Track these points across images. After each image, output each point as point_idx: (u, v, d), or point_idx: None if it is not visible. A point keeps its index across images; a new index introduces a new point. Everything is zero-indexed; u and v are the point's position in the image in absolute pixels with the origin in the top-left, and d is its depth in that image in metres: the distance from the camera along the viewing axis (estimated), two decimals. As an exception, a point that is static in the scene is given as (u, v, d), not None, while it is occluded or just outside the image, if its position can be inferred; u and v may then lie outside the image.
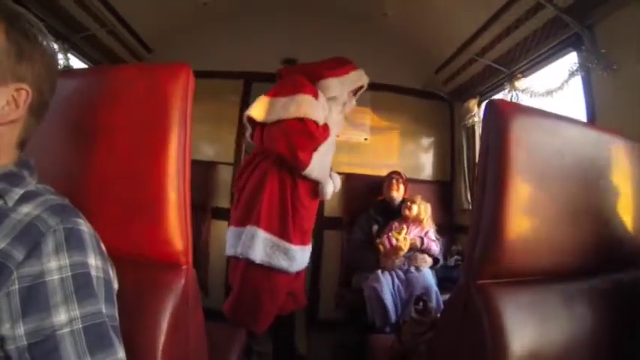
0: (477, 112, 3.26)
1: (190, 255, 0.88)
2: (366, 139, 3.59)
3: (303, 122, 1.96)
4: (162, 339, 0.77)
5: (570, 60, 2.21)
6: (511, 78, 2.69)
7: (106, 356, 0.59)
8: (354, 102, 2.30)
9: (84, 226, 0.64)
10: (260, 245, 1.93)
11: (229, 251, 2.02)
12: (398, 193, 2.88)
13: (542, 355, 0.84)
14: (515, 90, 2.66)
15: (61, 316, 0.57)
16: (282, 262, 1.96)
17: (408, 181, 3.04)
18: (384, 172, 3.10)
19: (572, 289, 0.96)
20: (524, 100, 2.57)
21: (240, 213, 2.03)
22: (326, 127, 2.07)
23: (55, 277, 0.58)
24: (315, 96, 2.01)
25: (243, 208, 2.03)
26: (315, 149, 1.99)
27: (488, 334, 0.81)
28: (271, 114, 1.98)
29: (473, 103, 3.26)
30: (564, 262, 0.97)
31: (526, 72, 2.64)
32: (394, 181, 2.90)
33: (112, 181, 0.83)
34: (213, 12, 3.13)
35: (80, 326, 0.58)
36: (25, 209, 0.62)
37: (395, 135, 3.69)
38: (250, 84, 3.42)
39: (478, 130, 3.33)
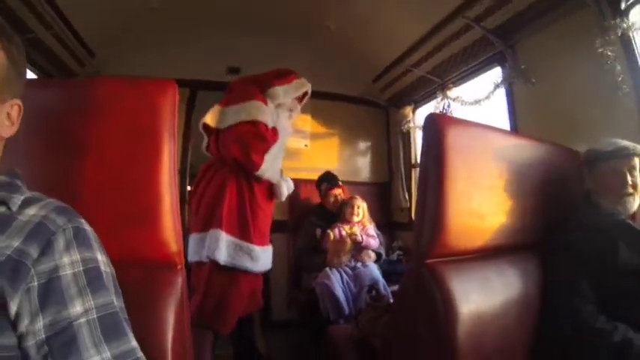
0: (412, 118, 3.52)
1: (183, 256, 0.94)
2: (306, 145, 3.69)
3: (254, 125, 2.05)
4: (169, 335, 0.82)
5: (495, 74, 2.49)
6: (443, 88, 2.95)
7: (120, 344, 0.61)
8: (299, 108, 2.40)
9: (87, 226, 0.66)
10: (224, 247, 1.96)
11: (192, 258, 2.01)
12: (338, 201, 2.98)
13: (484, 315, 1.03)
14: (446, 98, 2.92)
15: (76, 308, 0.58)
16: (246, 263, 2.00)
17: (347, 184, 3.18)
18: (324, 177, 3.19)
19: (503, 263, 1.19)
20: (455, 108, 2.83)
21: (202, 219, 2.05)
22: (275, 130, 2.16)
23: (69, 271, 0.60)
24: (265, 103, 2.11)
25: (204, 214, 2.04)
26: (266, 151, 2.06)
27: (440, 303, 0.97)
28: (225, 120, 2.06)
29: (408, 110, 3.51)
30: (495, 242, 1.19)
31: (457, 82, 2.90)
32: (337, 195, 3.00)
33: (105, 189, 0.86)
34: (160, 18, 3.07)
35: (95, 316, 0.60)
36: (31, 211, 0.63)
37: (334, 140, 3.83)
38: (195, 92, 3.40)
39: (413, 135, 3.60)
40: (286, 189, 2.23)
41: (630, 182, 1.33)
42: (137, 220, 0.88)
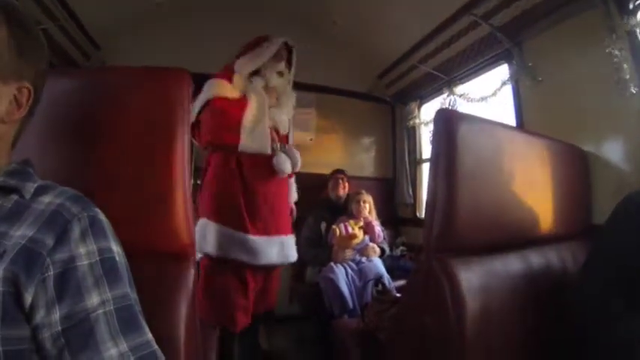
0: (418, 114, 3.52)
1: (194, 248, 0.94)
2: (311, 139, 3.68)
3: (210, 104, 1.88)
4: (182, 327, 0.82)
5: (502, 71, 2.50)
6: (450, 84, 2.96)
7: (137, 336, 0.60)
8: (281, 66, 2.09)
9: (102, 216, 0.65)
10: (212, 237, 1.82)
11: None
12: (344, 192, 3.00)
13: (493, 310, 1.04)
14: (453, 95, 2.92)
15: (93, 299, 0.58)
16: (240, 255, 1.83)
17: (352, 179, 3.17)
18: (329, 171, 3.21)
19: (510, 258, 1.20)
20: (462, 104, 2.82)
21: (197, 209, 1.89)
22: (243, 99, 1.94)
23: (85, 262, 0.59)
24: (227, 78, 1.96)
25: (199, 205, 1.91)
26: (237, 124, 1.87)
27: (449, 297, 0.98)
28: (193, 113, 1.87)
29: (414, 106, 3.52)
30: (504, 237, 1.21)
31: (463, 79, 2.90)
32: (340, 180, 3.01)
33: (118, 179, 0.86)
34: (165, 12, 3.06)
35: (112, 308, 0.59)
36: (46, 199, 0.62)
37: (339, 135, 3.83)
38: (201, 86, 3.36)
39: (418, 131, 3.61)
40: (287, 161, 1.98)
41: None
42: (150, 210, 0.87)
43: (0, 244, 0.56)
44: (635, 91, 1.67)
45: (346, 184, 3.04)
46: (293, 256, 2.06)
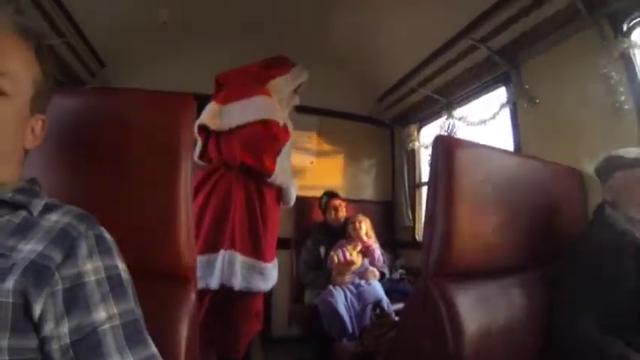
0: (417, 137, 3.55)
1: (196, 271, 0.95)
2: (312, 162, 3.68)
3: (266, 125, 1.81)
4: (182, 348, 0.83)
5: (500, 94, 2.55)
6: (448, 107, 2.99)
7: (142, 350, 0.62)
8: (297, 99, 2.14)
9: (107, 234, 0.67)
10: (239, 271, 1.74)
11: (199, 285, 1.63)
12: (343, 215, 2.97)
13: (489, 333, 1.06)
14: (452, 118, 2.95)
15: (101, 314, 0.59)
16: (259, 284, 1.81)
17: (352, 202, 3.19)
18: (328, 194, 3.20)
19: (507, 281, 1.22)
20: (461, 128, 2.85)
21: (206, 237, 1.76)
22: (286, 128, 1.95)
23: (92, 278, 0.60)
24: (270, 97, 1.89)
25: (208, 231, 1.77)
26: (278, 153, 1.85)
27: (447, 320, 0.99)
28: (228, 121, 1.81)
29: (413, 129, 3.54)
30: (500, 261, 1.23)
31: (462, 102, 2.94)
32: (339, 208, 2.98)
33: (122, 202, 0.87)
34: (172, 31, 3.08)
35: (118, 322, 0.60)
36: (54, 217, 0.64)
37: (339, 158, 3.84)
38: (204, 106, 3.36)
39: (417, 154, 3.63)
40: (294, 193, 2.04)
41: None
42: (153, 233, 0.89)
43: (10, 258, 0.57)
44: (630, 113, 1.71)
45: (344, 209, 3.01)
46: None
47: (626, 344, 1.13)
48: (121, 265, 0.66)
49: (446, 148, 1.12)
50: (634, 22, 1.77)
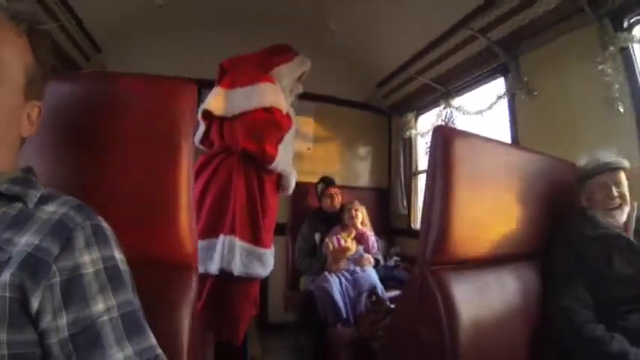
0: (414, 125, 3.56)
1: (197, 257, 0.94)
2: (309, 148, 3.69)
3: (269, 112, 1.82)
4: (184, 335, 0.82)
5: (498, 84, 2.56)
6: (446, 96, 2.99)
7: (142, 341, 0.61)
8: (300, 87, 2.16)
9: (105, 224, 0.66)
10: (238, 256, 1.75)
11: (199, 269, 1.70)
12: (339, 203, 2.99)
13: (485, 322, 1.08)
14: (449, 107, 2.96)
15: (99, 305, 0.59)
16: (258, 270, 1.81)
17: (347, 188, 3.21)
18: (325, 180, 3.20)
19: (503, 270, 1.24)
20: (458, 117, 2.87)
21: (205, 221, 1.76)
22: (289, 116, 1.96)
23: (90, 269, 0.60)
24: (274, 84, 1.90)
25: (208, 216, 1.78)
26: (280, 140, 1.87)
27: (442, 308, 1.01)
28: (232, 107, 1.82)
29: (410, 117, 3.56)
30: (497, 250, 1.24)
31: (460, 92, 2.94)
32: (334, 196, 3.00)
33: (122, 189, 0.86)
34: (167, 15, 3.03)
35: (117, 314, 0.60)
36: (50, 208, 0.63)
37: (336, 144, 3.86)
38: (201, 90, 3.31)
39: (414, 142, 3.64)
40: (294, 180, 2.06)
41: (617, 194, 1.38)
42: (153, 220, 0.88)
43: (5, 251, 0.57)
44: (623, 109, 1.72)
45: (340, 197, 3.02)
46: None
47: (611, 326, 1.21)
48: (119, 256, 0.66)
49: (444, 138, 1.12)
50: (635, 18, 1.77)
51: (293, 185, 2.04)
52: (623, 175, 1.41)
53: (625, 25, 1.79)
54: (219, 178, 1.83)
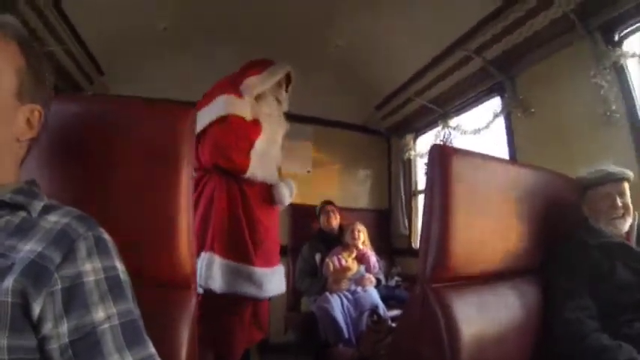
0: (413, 147, 3.59)
1: (196, 277, 0.95)
2: (308, 171, 3.72)
3: (225, 121, 1.81)
4: (184, 355, 0.83)
5: (495, 103, 2.59)
6: (444, 117, 3.03)
7: (141, 350, 0.62)
8: (284, 94, 2.12)
9: (107, 235, 0.67)
10: (218, 273, 1.73)
11: None
12: (336, 222, 3.02)
13: (486, 338, 1.07)
14: (447, 127, 2.99)
15: (99, 314, 0.59)
16: (248, 289, 1.77)
17: (348, 210, 3.22)
18: (325, 202, 3.21)
19: (503, 287, 1.24)
20: (456, 137, 2.89)
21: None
22: (256, 122, 1.92)
23: (91, 278, 0.61)
24: (239, 96, 1.89)
25: (197, 237, 1.62)
26: (250, 147, 1.84)
27: (443, 325, 1.01)
28: (198, 127, 1.70)
29: (409, 138, 3.60)
30: (496, 267, 1.25)
31: (457, 112, 2.98)
32: (331, 213, 3.03)
33: (123, 210, 0.86)
34: (170, 38, 3.08)
35: (117, 322, 0.61)
36: (53, 218, 0.64)
37: (336, 167, 3.89)
38: None
39: (413, 163, 3.67)
40: (287, 191, 1.99)
41: (620, 205, 1.40)
42: (153, 240, 0.89)
43: (9, 257, 0.58)
44: (621, 121, 1.74)
45: (337, 215, 3.05)
46: (284, 285, 2.02)
47: (616, 335, 1.20)
48: (120, 266, 0.67)
49: (441, 156, 1.13)
50: (625, 32, 1.81)
51: (286, 196, 1.98)
52: (626, 186, 1.43)
53: (616, 38, 1.83)
54: (204, 198, 1.83)
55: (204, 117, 1.82)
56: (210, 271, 1.72)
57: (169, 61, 3.26)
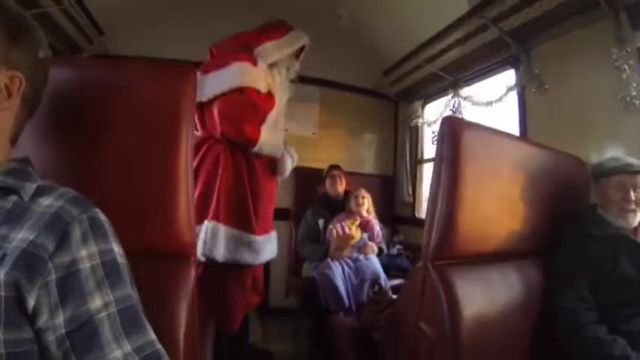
0: (421, 114, 3.51)
1: (196, 247, 0.93)
2: (314, 133, 3.68)
3: (242, 93, 1.75)
4: (182, 326, 0.82)
5: (508, 76, 2.50)
6: (455, 86, 2.94)
7: (140, 337, 0.60)
8: (297, 65, 2.07)
9: (102, 216, 0.64)
10: (222, 242, 1.72)
11: None
12: (342, 188, 2.98)
13: (487, 317, 1.07)
14: (458, 97, 2.91)
15: (96, 302, 0.58)
16: (246, 257, 1.77)
17: (352, 175, 3.17)
18: (330, 166, 3.19)
19: (507, 267, 1.23)
20: (466, 107, 2.82)
21: (196, 209, 1.71)
22: (270, 95, 1.87)
23: (87, 264, 0.59)
24: (254, 63, 1.81)
25: (198, 203, 1.62)
26: (262, 121, 1.80)
27: (445, 304, 1.00)
28: (205, 91, 1.75)
29: (417, 105, 3.51)
30: (501, 247, 1.22)
31: (469, 82, 2.89)
32: (337, 178, 2.99)
33: (120, 175, 0.84)
34: None
35: (115, 310, 0.59)
36: (46, 201, 0.61)
37: (342, 131, 3.82)
38: None
39: (421, 130, 3.60)
40: (290, 163, 1.99)
41: (633, 198, 1.35)
42: (152, 208, 0.86)
43: (1, 247, 0.56)
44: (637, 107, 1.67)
45: (344, 181, 3.01)
46: (276, 250, 2.02)
47: (614, 329, 1.20)
48: (117, 249, 0.64)
49: (452, 130, 1.09)
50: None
51: (289, 168, 1.98)
52: None
53: (642, 19, 1.73)
54: (207, 165, 1.80)
55: (214, 82, 1.76)
56: (215, 240, 1.71)
57: (169, 21, 3.16)
